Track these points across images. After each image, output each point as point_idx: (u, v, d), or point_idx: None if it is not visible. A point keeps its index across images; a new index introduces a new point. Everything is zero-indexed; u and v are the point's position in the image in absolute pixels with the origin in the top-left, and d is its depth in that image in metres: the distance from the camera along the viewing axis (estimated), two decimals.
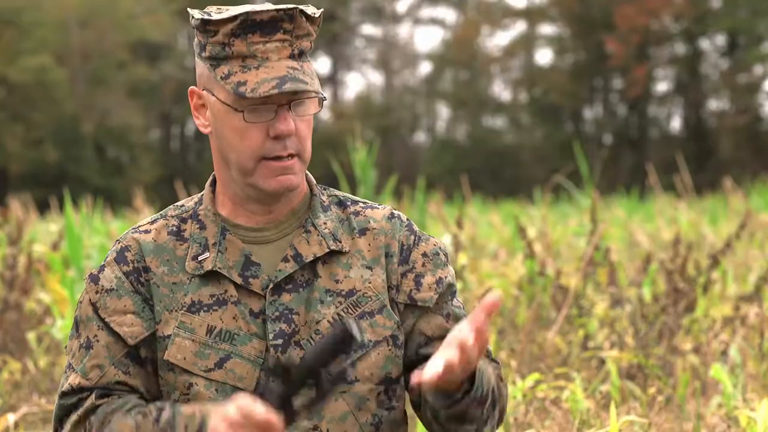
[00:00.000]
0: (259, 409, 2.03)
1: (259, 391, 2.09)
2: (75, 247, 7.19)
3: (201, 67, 2.28)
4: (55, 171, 34.46)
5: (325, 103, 2.30)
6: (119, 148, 38.46)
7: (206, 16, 2.24)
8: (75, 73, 37.58)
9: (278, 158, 2.24)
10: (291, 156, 2.25)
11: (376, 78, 46.59)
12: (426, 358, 2.30)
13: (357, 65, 45.59)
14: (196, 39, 2.29)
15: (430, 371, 2.05)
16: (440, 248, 2.39)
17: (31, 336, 6.20)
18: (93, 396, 2.24)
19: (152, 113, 39.92)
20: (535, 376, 4.77)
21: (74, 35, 37.70)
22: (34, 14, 36.34)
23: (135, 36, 38.09)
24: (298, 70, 2.22)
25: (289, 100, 2.23)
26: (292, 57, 2.24)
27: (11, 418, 4.71)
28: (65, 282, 6.75)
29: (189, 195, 12.78)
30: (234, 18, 2.21)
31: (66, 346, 2.32)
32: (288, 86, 2.19)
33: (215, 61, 2.24)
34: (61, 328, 6.17)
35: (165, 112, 40.92)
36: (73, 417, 2.23)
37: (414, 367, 2.33)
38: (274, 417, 2.03)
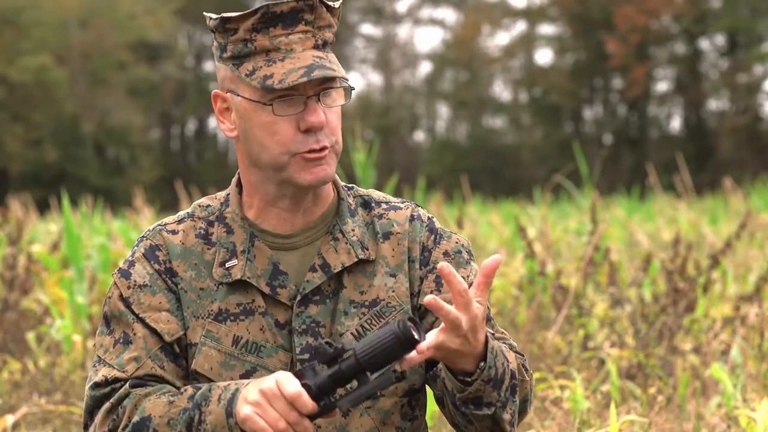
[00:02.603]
0: (292, 383, 2.00)
1: (301, 371, 2.04)
2: (74, 247, 7.18)
3: (223, 70, 2.24)
4: (55, 171, 34.47)
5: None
6: (119, 148, 38.48)
7: (224, 16, 2.21)
8: (75, 73, 37.58)
9: (311, 151, 2.20)
10: (324, 148, 2.21)
11: (376, 78, 46.57)
12: None
13: (357, 65, 45.60)
14: (215, 42, 2.24)
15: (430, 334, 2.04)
16: (462, 245, 2.34)
17: (30, 336, 6.19)
18: (127, 385, 2.20)
19: (152, 113, 39.93)
20: (536, 376, 4.77)
21: (74, 35, 37.70)
22: (33, 14, 36.34)
23: (135, 36, 38.09)
24: (324, 58, 2.19)
25: (317, 91, 2.19)
26: (316, 47, 2.21)
27: (11, 418, 4.71)
28: (64, 282, 6.75)
29: (189, 195, 12.78)
30: (254, 12, 2.18)
31: (95, 343, 2.28)
32: (317, 73, 2.15)
33: (238, 59, 2.21)
34: (60, 328, 6.16)
35: (165, 112, 40.93)
36: (106, 405, 2.20)
37: (432, 365, 2.29)
38: (304, 394, 2.00)
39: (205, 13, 2.29)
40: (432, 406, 4.20)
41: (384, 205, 2.35)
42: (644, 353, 5.44)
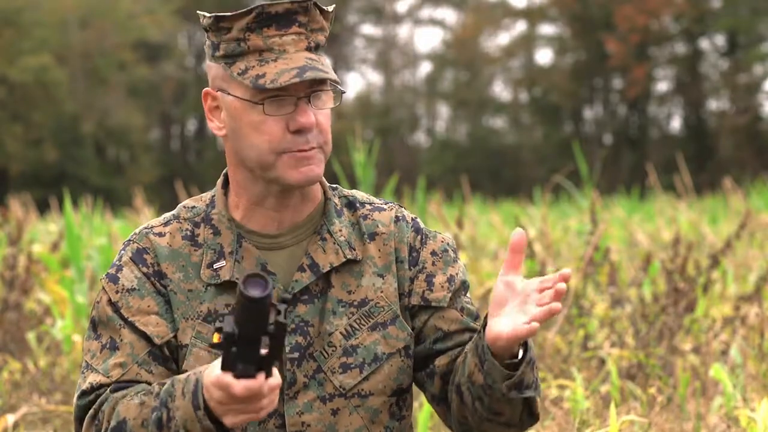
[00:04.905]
0: (235, 386, 1.94)
1: (226, 368, 1.96)
2: (75, 247, 7.19)
3: (214, 69, 2.26)
4: (55, 171, 34.46)
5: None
6: (119, 148, 38.47)
7: (218, 15, 2.23)
8: (75, 73, 37.57)
9: (300, 150, 2.21)
10: (312, 148, 2.22)
11: (376, 78, 46.59)
12: (441, 351, 2.29)
13: (357, 65, 45.59)
14: (207, 41, 2.26)
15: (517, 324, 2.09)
16: (448, 244, 2.36)
17: (31, 336, 6.19)
18: (109, 390, 2.20)
19: (152, 113, 39.93)
20: None
21: (74, 35, 37.70)
22: (34, 14, 36.33)
23: (135, 36, 38.09)
24: (316, 61, 2.21)
25: (308, 93, 2.21)
26: (308, 49, 2.23)
27: (11, 418, 4.71)
28: (64, 282, 6.75)
29: (189, 195, 12.76)
30: (249, 12, 2.20)
31: (83, 348, 2.28)
32: (309, 74, 2.16)
33: (230, 58, 2.22)
34: (61, 328, 6.17)
35: (165, 112, 40.92)
36: (90, 412, 2.20)
37: (426, 363, 2.31)
38: (250, 382, 1.94)
39: (198, 12, 2.30)
40: (428, 408, 4.19)
41: (368, 206, 2.37)
42: (644, 353, 5.45)
